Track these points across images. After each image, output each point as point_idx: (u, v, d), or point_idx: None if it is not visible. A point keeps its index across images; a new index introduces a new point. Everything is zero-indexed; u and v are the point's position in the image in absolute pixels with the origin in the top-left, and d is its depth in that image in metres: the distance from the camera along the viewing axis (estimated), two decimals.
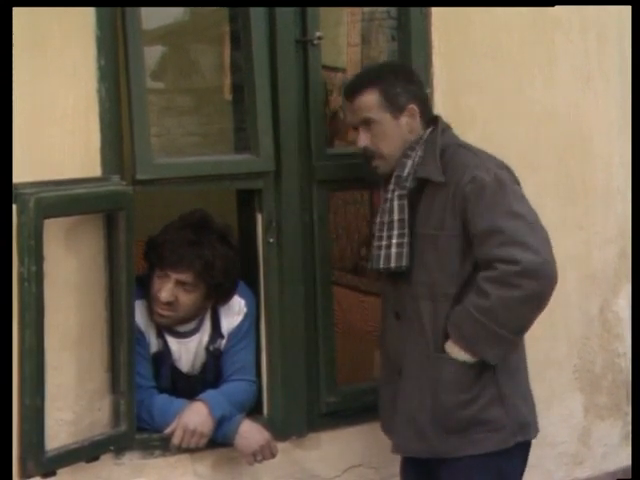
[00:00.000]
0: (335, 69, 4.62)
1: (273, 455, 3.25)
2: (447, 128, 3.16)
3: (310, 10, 3.33)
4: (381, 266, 3.07)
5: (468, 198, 2.95)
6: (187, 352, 3.38)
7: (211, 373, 3.40)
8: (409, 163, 3.06)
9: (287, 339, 3.36)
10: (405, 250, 3.03)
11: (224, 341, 3.38)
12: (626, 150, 3.95)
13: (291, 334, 3.36)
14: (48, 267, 2.86)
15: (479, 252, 2.94)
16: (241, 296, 3.37)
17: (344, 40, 4.62)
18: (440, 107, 3.57)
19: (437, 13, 3.58)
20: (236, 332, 3.36)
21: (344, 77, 4.56)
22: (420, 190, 3.05)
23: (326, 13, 3.60)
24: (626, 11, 3.90)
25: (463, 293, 2.99)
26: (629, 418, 4.02)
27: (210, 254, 3.20)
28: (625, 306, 4.08)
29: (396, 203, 3.06)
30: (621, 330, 4.11)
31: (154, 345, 3.33)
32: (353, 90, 3.14)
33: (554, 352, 3.89)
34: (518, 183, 3.09)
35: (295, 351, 3.37)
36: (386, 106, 3.08)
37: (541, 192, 3.61)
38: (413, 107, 3.10)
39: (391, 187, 3.08)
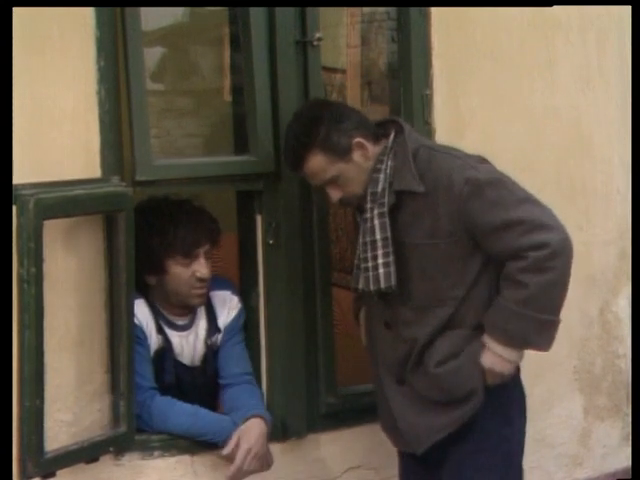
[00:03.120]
0: (335, 70, 4.61)
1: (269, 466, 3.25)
2: (411, 129, 3.09)
3: (310, 11, 3.33)
4: (372, 288, 3.00)
5: (467, 200, 2.91)
6: (188, 345, 3.41)
7: (210, 365, 3.43)
8: (381, 177, 2.98)
9: (287, 340, 3.35)
10: (392, 269, 2.97)
11: (220, 335, 3.41)
12: (626, 151, 3.95)
13: (291, 335, 3.36)
14: (48, 268, 2.86)
15: (499, 247, 2.93)
16: (233, 293, 3.43)
17: (344, 41, 4.61)
18: (440, 108, 3.58)
19: (437, 14, 3.57)
20: (232, 326, 3.41)
21: (343, 78, 4.56)
22: (398, 201, 2.97)
23: (326, 14, 3.59)
24: (626, 11, 3.90)
25: (471, 294, 2.99)
26: (629, 419, 4.02)
27: (204, 216, 3.31)
28: (625, 307, 4.08)
29: (377, 222, 2.97)
30: (621, 331, 4.11)
31: (156, 342, 3.34)
32: (295, 164, 3.06)
33: (554, 353, 3.83)
34: None
35: (295, 352, 3.37)
36: (334, 157, 2.98)
37: (541, 193, 3.59)
38: (358, 140, 2.99)
39: (369, 205, 2.99)
